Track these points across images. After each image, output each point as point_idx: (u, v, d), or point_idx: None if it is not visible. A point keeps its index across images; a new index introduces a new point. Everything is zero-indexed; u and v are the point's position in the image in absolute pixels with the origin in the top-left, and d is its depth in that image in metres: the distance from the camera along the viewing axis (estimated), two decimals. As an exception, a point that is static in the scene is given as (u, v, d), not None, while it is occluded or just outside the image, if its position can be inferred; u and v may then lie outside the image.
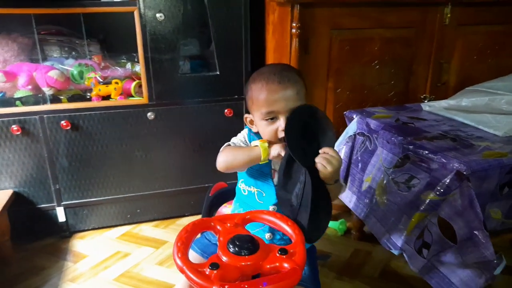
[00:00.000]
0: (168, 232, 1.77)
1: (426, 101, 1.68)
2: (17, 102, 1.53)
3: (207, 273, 0.64)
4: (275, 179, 0.94)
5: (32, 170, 1.60)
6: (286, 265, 0.65)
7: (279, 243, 0.92)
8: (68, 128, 1.57)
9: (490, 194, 1.07)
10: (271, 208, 0.93)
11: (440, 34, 1.72)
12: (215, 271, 0.63)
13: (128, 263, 1.55)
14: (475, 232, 1.01)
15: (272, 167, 0.95)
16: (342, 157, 1.50)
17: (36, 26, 1.52)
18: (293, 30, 1.47)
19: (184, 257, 0.67)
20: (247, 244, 0.68)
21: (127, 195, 1.75)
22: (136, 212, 1.80)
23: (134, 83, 1.67)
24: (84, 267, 1.53)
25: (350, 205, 1.48)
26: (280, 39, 1.57)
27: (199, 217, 1.88)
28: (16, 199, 1.58)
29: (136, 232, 1.77)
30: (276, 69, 0.91)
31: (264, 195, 0.94)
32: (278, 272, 0.64)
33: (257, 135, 0.97)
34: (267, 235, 0.92)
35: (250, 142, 0.99)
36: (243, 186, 0.99)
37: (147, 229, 1.79)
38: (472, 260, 1.02)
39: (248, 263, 0.66)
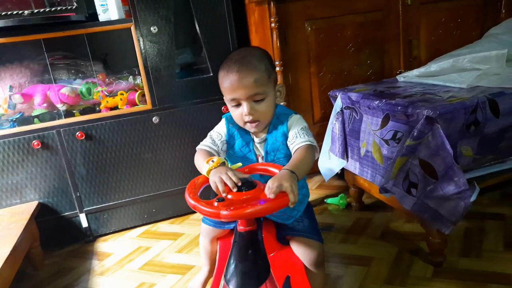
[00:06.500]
0: (183, 226, 1.90)
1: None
2: (35, 120, 1.71)
3: (215, 205, 0.79)
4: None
5: (54, 181, 1.75)
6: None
7: None
8: (83, 138, 1.73)
9: (459, 133, 1.21)
10: None
11: (405, 14, 1.91)
12: (221, 203, 0.79)
13: (150, 255, 1.68)
14: (448, 166, 1.15)
15: (257, 153, 1.03)
16: (336, 132, 1.65)
17: (46, 52, 1.70)
18: (272, 25, 1.66)
19: (195, 196, 0.83)
20: (247, 183, 0.84)
21: (142, 196, 1.89)
22: (152, 212, 1.94)
23: (137, 93, 1.84)
24: (110, 263, 1.66)
25: (356, 171, 1.61)
26: (262, 35, 1.76)
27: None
28: (42, 209, 1.73)
29: (154, 230, 1.90)
30: (238, 56, 0.95)
31: None
32: None
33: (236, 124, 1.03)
34: None
35: (228, 131, 1.05)
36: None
37: (164, 226, 1.93)
38: (451, 191, 1.15)
39: (248, 196, 0.82)
